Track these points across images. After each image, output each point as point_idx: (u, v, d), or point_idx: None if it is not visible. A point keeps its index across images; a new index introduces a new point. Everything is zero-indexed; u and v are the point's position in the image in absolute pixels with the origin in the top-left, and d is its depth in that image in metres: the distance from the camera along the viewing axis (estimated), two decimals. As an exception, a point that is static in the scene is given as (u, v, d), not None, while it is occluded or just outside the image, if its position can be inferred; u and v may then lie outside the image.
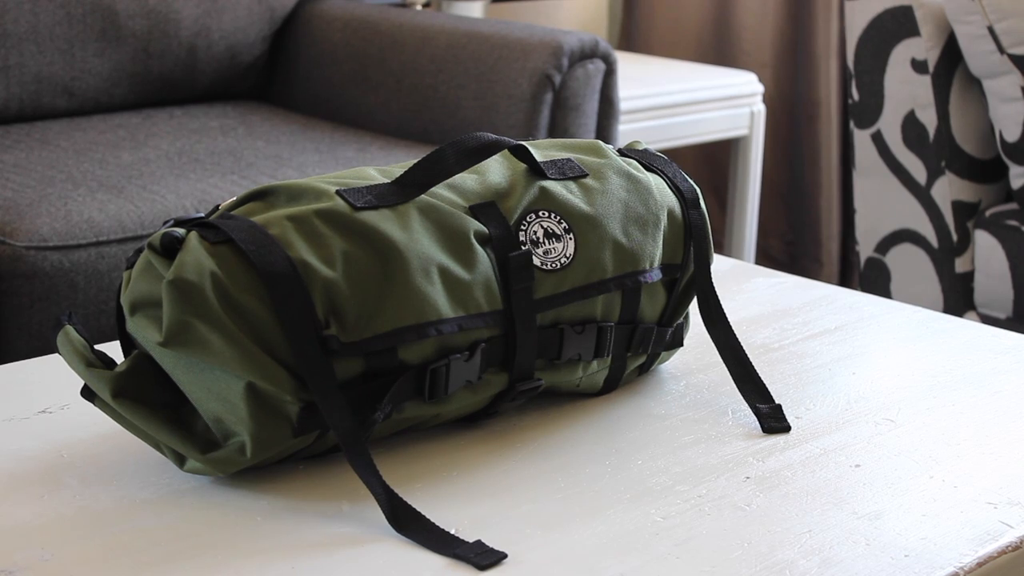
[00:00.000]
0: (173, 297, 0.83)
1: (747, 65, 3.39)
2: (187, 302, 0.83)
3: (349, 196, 0.89)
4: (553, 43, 2.50)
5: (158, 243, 0.85)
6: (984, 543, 0.82)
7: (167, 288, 0.83)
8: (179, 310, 0.83)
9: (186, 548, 0.79)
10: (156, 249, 0.85)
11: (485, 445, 0.94)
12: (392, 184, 0.92)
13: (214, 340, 0.83)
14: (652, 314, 1.02)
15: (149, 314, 0.85)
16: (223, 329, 0.83)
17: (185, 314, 0.83)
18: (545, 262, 0.94)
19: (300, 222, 0.87)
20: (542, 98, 2.48)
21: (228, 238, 0.85)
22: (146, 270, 0.86)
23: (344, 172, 0.94)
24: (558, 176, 0.99)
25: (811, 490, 0.89)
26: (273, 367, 0.83)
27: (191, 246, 0.84)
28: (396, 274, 0.88)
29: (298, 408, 0.85)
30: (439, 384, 0.89)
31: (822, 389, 1.06)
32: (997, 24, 2.46)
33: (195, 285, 0.83)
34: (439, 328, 0.88)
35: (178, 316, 0.83)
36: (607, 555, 0.79)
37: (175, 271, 0.83)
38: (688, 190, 1.05)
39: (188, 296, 0.83)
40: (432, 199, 0.93)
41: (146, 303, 0.85)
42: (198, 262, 0.84)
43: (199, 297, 0.83)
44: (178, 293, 0.83)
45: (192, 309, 0.83)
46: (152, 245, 0.86)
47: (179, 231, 0.85)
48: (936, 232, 2.64)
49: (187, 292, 0.83)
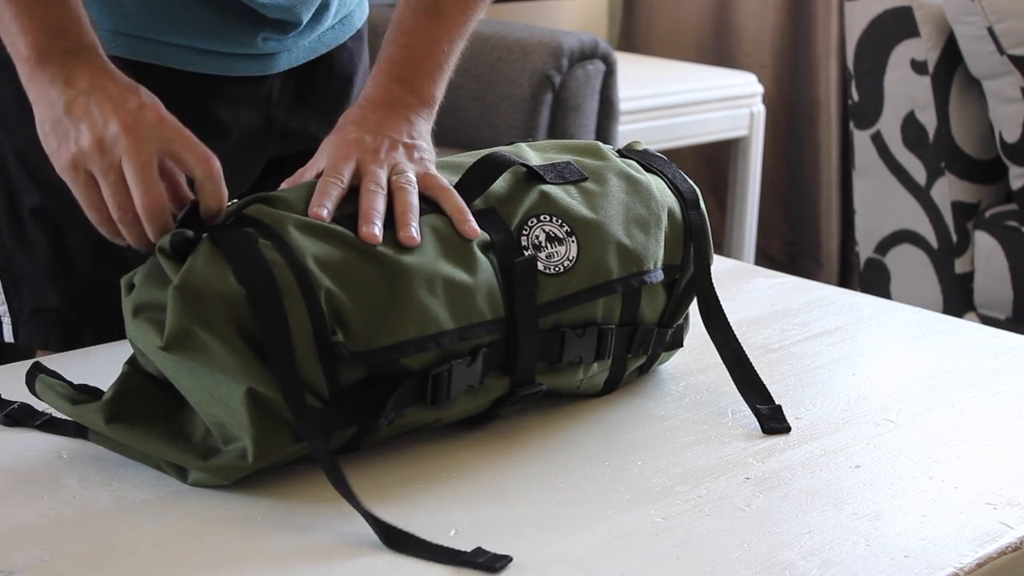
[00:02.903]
0: (178, 304, 0.83)
1: (747, 66, 3.39)
2: (192, 309, 0.83)
3: (344, 224, 0.89)
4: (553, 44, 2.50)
5: (168, 246, 0.85)
6: (984, 544, 0.82)
7: (173, 294, 0.83)
8: (183, 317, 0.83)
9: (186, 548, 0.79)
10: (167, 252, 0.85)
11: (485, 447, 0.94)
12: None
13: (216, 349, 0.83)
14: (652, 315, 1.02)
15: (152, 317, 0.85)
16: (226, 339, 0.83)
17: (188, 321, 0.83)
18: (548, 266, 0.94)
19: (309, 228, 0.88)
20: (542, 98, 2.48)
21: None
22: (154, 273, 0.86)
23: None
24: (558, 180, 0.98)
25: (811, 491, 0.88)
26: None
27: (203, 251, 0.84)
28: (399, 288, 0.88)
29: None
30: (441, 389, 0.89)
31: (822, 390, 1.06)
32: (997, 25, 2.46)
33: (202, 293, 0.83)
34: (439, 341, 0.88)
35: (181, 322, 0.83)
36: (607, 556, 0.79)
37: (183, 277, 0.83)
38: (688, 191, 1.05)
39: (193, 303, 0.83)
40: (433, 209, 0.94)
41: (150, 307, 0.85)
42: (208, 270, 0.84)
43: (205, 305, 0.83)
44: (184, 300, 0.83)
45: (196, 317, 0.83)
46: (162, 249, 0.85)
47: (189, 232, 0.85)
48: (936, 233, 2.64)
49: (193, 299, 0.83)
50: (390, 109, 1.02)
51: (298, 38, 1.20)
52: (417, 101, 1.04)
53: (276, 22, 1.17)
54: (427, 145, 1.02)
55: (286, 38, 1.19)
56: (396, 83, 1.05)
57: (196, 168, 0.90)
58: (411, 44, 1.07)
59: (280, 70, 1.21)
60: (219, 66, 1.15)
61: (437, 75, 1.07)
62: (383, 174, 0.95)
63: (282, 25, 1.17)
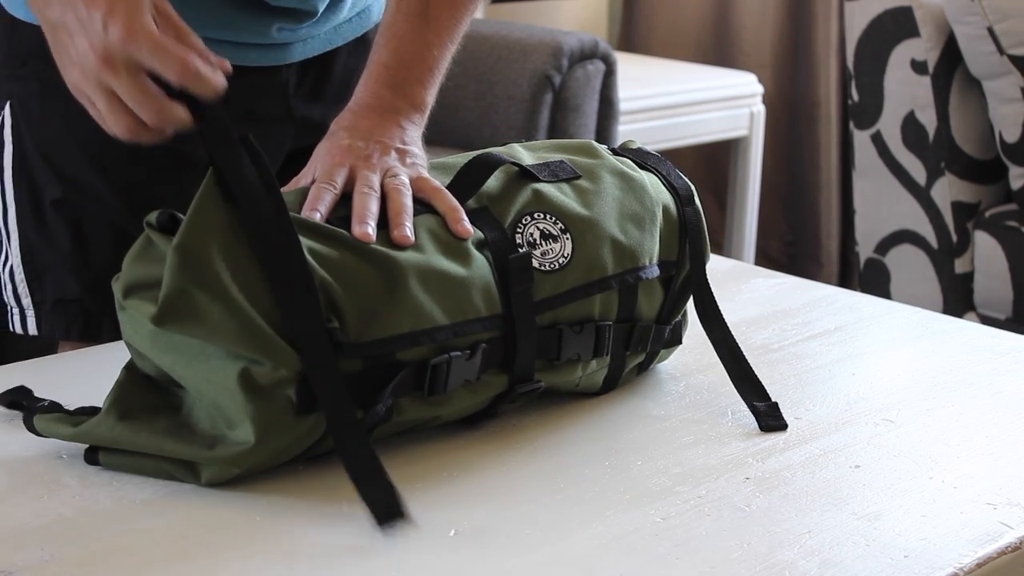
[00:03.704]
0: (176, 262, 0.82)
1: (747, 66, 3.39)
2: (190, 268, 0.82)
3: (339, 226, 0.90)
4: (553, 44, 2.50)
5: (154, 220, 0.85)
6: (984, 544, 0.82)
7: (172, 253, 0.82)
8: (180, 277, 0.82)
9: (186, 548, 0.79)
10: (153, 226, 0.85)
11: (484, 446, 0.94)
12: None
13: (213, 311, 0.82)
14: (650, 312, 1.02)
15: (145, 295, 0.84)
16: (224, 299, 0.82)
17: (186, 282, 0.82)
18: (543, 263, 0.94)
19: (305, 227, 0.88)
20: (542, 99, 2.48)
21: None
22: (143, 252, 0.85)
23: None
24: (551, 179, 0.99)
25: (811, 491, 0.89)
26: (275, 340, 0.83)
27: (205, 204, 0.83)
28: (393, 282, 0.88)
29: (295, 386, 0.84)
30: (439, 380, 0.89)
31: (822, 390, 1.06)
32: (997, 25, 2.46)
33: (203, 249, 0.82)
34: (434, 336, 0.88)
35: (178, 283, 0.82)
36: (607, 556, 0.79)
37: (183, 234, 0.82)
38: (683, 187, 1.05)
39: (192, 262, 0.82)
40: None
41: (142, 285, 0.85)
42: (209, 221, 0.83)
43: (205, 262, 0.82)
44: (182, 258, 0.82)
45: (194, 276, 0.82)
46: (149, 223, 0.85)
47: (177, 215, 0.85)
48: (936, 233, 2.64)
49: (193, 257, 0.82)
50: (382, 115, 1.03)
51: (312, 28, 1.21)
52: (408, 107, 1.05)
53: (290, 11, 1.17)
54: (419, 151, 1.03)
55: (300, 28, 1.20)
56: (387, 88, 1.05)
57: (172, 78, 0.88)
58: (401, 48, 1.08)
59: (295, 60, 1.22)
60: (235, 56, 1.16)
61: (428, 80, 1.08)
62: (376, 178, 0.95)
63: (296, 14, 1.18)
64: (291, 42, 1.21)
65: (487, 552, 0.80)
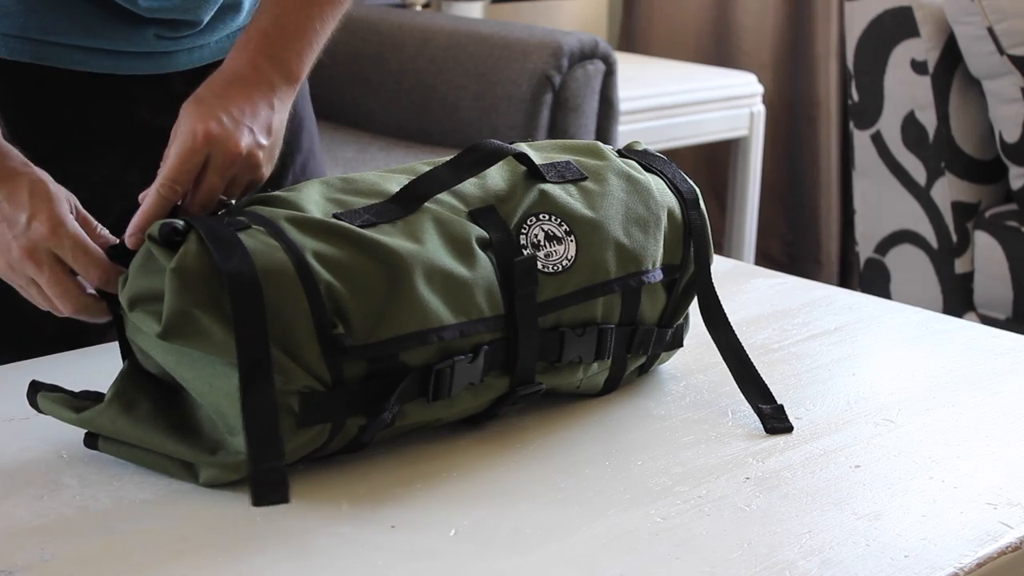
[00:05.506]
0: (175, 286, 0.83)
1: (747, 66, 3.39)
2: (190, 291, 0.83)
3: (346, 219, 0.89)
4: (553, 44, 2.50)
5: (157, 233, 0.85)
6: (984, 544, 0.82)
7: (170, 276, 0.83)
8: (181, 300, 0.82)
9: (186, 548, 0.79)
10: (156, 240, 0.85)
11: (485, 446, 0.94)
12: (390, 201, 0.92)
13: (216, 331, 0.83)
14: (652, 315, 1.02)
15: (149, 308, 0.85)
16: (226, 320, 0.83)
17: (187, 304, 0.82)
18: (547, 265, 0.94)
19: (304, 225, 0.88)
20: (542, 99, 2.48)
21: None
22: (146, 263, 0.86)
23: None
24: (557, 179, 0.99)
25: (811, 491, 0.89)
26: (277, 354, 0.83)
27: (195, 239, 0.84)
28: (399, 283, 0.88)
29: (299, 398, 0.84)
30: (443, 385, 0.89)
31: (822, 390, 1.06)
32: (997, 25, 2.46)
33: (199, 273, 0.83)
34: (440, 335, 0.89)
35: (179, 306, 0.82)
36: (607, 556, 0.79)
37: (179, 259, 0.83)
38: (688, 190, 1.05)
39: (191, 285, 0.83)
40: (433, 204, 0.93)
41: (145, 297, 0.85)
42: (202, 251, 0.84)
43: (202, 286, 0.83)
44: (181, 281, 0.83)
45: (194, 298, 0.83)
46: (152, 236, 0.85)
47: (179, 222, 0.85)
48: (936, 233, 2.64)
49: (190, 281, 0.83)
50: (256, 88, 1.01)
51: (200, 37, 1.19)
52: (282, 80, 1.04)
53: (166, 21, 1.15)
54: (277, 139, 1.02)
55: (183, 37, 1.17)
56: (264, 58, 1.04)
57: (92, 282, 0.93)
58: (284, 18, 1.06)
59: (182, 69, 1.19)
60: (107, 64, 1.14)
61: (306, 53, 1.07)
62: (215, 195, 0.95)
63: (174, 24, 1.15)
64: (174, 51, 1.18)
65: (487, 552, 0.80)
